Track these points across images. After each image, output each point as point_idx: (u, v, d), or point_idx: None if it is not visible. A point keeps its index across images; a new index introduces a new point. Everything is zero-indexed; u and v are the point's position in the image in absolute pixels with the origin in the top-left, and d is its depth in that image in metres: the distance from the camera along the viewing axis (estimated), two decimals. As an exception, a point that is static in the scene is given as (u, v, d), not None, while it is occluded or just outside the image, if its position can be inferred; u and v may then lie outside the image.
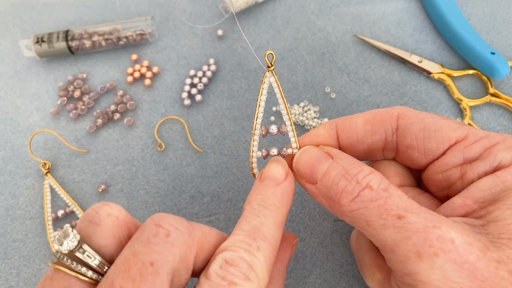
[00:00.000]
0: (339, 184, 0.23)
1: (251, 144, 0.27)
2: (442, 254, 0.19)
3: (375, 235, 0.22)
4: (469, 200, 0.23)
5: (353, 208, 0.22)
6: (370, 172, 0.23)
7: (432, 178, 0.26)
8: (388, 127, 0.26)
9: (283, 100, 0.26)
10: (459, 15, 0.41)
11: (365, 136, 0.26)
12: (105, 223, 0.21)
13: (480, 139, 0.24)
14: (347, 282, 0.35)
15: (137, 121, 0.41)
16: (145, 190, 0.39)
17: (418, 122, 0.25)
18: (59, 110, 0.42)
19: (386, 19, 0.44)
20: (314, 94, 0.41)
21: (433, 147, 0.25)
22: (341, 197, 0.23)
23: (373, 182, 0.22)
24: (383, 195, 0.22)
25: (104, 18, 0.46)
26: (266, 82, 0.26)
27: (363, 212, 0.22)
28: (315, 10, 0.45)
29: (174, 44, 0.44)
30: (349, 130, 0.26)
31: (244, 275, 0.20)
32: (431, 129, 0.25)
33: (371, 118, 0.26)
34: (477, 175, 0.24)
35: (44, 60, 0.44)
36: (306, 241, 0.36)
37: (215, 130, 0.41)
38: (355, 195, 0.22)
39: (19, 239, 0.38)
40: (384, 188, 0.22)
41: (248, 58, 0.43)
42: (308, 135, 0.27)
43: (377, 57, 0.42)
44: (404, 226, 0.20)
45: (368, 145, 0.27)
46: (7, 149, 0.41)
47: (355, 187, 0.22)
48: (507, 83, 0.41)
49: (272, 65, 0.26)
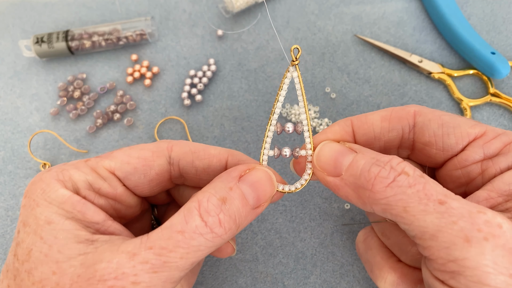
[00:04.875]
0: (371, 171, 0.22)
1: (264, 140, 0.26)
2: (492, 239, 0.19)
3: (413, 222, 0.21)
4: (494, 193, 0.23)
5: (388, 194, 0.21)
6: (402, 160, 0.22)
7: (450, 174, 0.26)
8: (406, 124, 0.26)
9: (303, 97, 0.26)
10: (459, 15, 0.41)
11: (382, 133, 0.26)
12: None
13: (499, 135, 0.24)
14: (347, 283, 0.35)
15: (137, 121, 0.41)
16: (145, 191, 0.39)
17: (436, 119, 0.25)
18: (59, 111, 0.42)
19: (386, 19, 0.44)
20: (314, 94, 0.41)
21: (452, 144, 0.25)
22: (375, 183, 0.22)
23: (408, 168, 0.22)
24: (421, 180, 0.21)
25: (104, 18, 0.46)
26: (288, 77, 0.25)
27: (401, 197, 0.21)
28: (315, 10, 0.45)
29: (174, 44, 0.44)
30: (365, 127, 0.26)
31: None
32: (449, 125, 0.25)
33: (388, 115, 0.26)
34: (499, 170, 0.23)
35: (44, 60, 0.44)
36: (306, 242, 0.36)
37: (215, 130, 0.40)
38: (391, 180, 0.21)
39: (19, 239, 0.38)
40: (420, 174, 0.21)
41: (248, 58, 0.43)
42: (324, 133, 0.27)
43: (377, 57, 0.42)
44: (448, 211, 0.20)
45: (385, 142, 0.26)
46: (7, 150, 0.41)
47: (390, 173, 0.21)
48: (507, 83, 0.41)
49: (297, 59, 0.25)
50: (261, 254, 0.36)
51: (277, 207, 0.37)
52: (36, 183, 0.23)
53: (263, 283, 0.35)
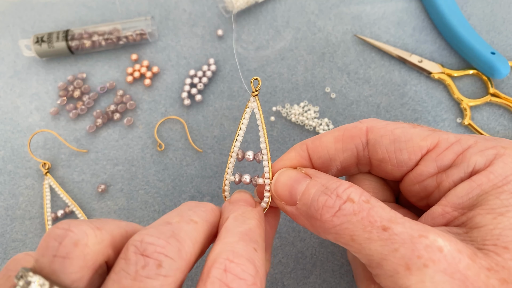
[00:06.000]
0: (319, 200, 0.22)
1: (227, 166, 0.27)
2: (432, 264, 0.18)
3: (360, 250, 0.21)
4: (448, 208, 0.22)
5: (335, 223, 0.21)
6: (349, 186, 0.22)
7: (409, 189, 0.25)
8: (358, 142, 0.25)
9: (263, 127, 0.26)
10: (459, 15, 0.41)
11: (337, 154, 0.26)
12: (73, 255, 0.18)
13: (451, 145, 0.23)
14: (347, 283, 0.35)
15: (137, 121, 0.41)
16: (145, 190, 0.39)
17: (388, 135, 0.25)
18: (59, 110, 0.42)
19: (386, 19, 0.44)
20: (314, 94, 0.41)
21: (405, 159, 0.24)
22: (322, 212, 0.22)
23: (353, 195, 0.21)
24: (365, 207, 0.21)
25: (104, 18, 0.46)
26: (249, 107, 0.26)
27: (346, 226, 0.21)
28: (315, 10, 0.45)
29: (174, 44, 0.44)
30: (320, 150, 0.26)
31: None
32: (401, 140, 0.24)
33: (340, 135, 0.26)
34: (452, 183, 0.23)
35: (44, 60, 0.44)
36: (306, 242, 0.36)
37: (215, 130, 0.40)
38: (337, 209, 0.21)
39: (19, 239, 0.38)
40: (366, 200, 0.21)
41: (248, 58, 0.43)
42: (281, 160, 0.27)
43: (377, 57, 0.42)
44: (390, 238, 0.19)
45: (341, 163, 0.26)
46: (7, 149, 0.41)
47: (336, 201, 0.21)
48: (507, 83, 0.41)
49: (257, 90, 0.26)
50: (261, 254, 0.36)
51: (277, 207, 0.37)
52: None
53: (262, 283, 0.35)
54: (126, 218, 0.38)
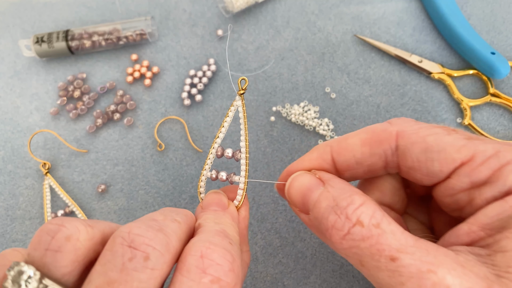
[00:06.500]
0: (328, 220, 0.21)
1: (205, 162, 0.27)
2: None
3: (369, 277, 0.20)
4: (475, 227, 0.21)
5: (344, 246, 0.20)
6: (361, 204, 0.21)
7: (440, 200, 0.24)
8: (387, 148, 0.24)
9: (245, 126, 0.26)
10: (459, 15, 0.41)
11: (363, 158, 0.25)
12: (65, 249, 0.18)
13: (488, 159, 0.21)
14: (347, 283, 0.35)
15: (137, 121, 0.41)
16: (145, 190, 0.39)
17: (419, 142, 0.23)
18: (59, 110, 0.42)
19: (386, 19, 0.44)
20: (314, 94, 0.41)
21: (436, 170, 0.22)
22: (332, 233, 0.21)
23: (363, 216, 0.20)
24: (374, 232, 0.20)
25: (104, 18, 0.46)
26: (234, 105, 0.27)
27: (356, 251, 0.20)
28: (315, 10, 0.45)
29: (174, 44, 0.44)
30: (345, 153, 0.25)
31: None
32: (433, 150, 0.22)
33: (368, 138, 0.24)
34: (485, 201, 0.21)
35: (44, 60, 0.44)
36: (306, 242, 0.36)
37: (215, 130, 0.40)
38: (345, 232, 0.20)
39: (19, 239, 0.38)
40: (376, 223, 0.20)
41: (248, 58, 0.43)
42: (301, 160, 0.26)
43: (377, 57, 0.42)
44: (398, 270, 0.19)
45: (368, 166, 0.25)
46: (7, 149, 0.41)
47: (345, 224, 0.20)
48: (507, 83, 0.41)
49: (244, 90, 0.26)
50: (261, 254, 0.36)
51: (277, 207, 0.37)
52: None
53: (263, 283, 0.35)
54: (126, 218, 0.38)
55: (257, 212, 0.37)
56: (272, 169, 0.39)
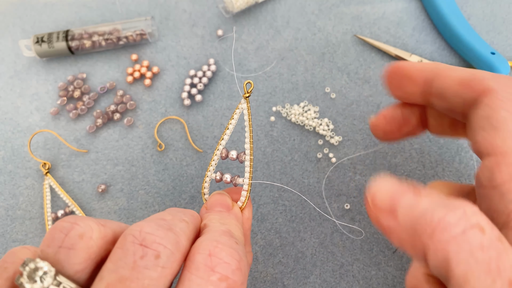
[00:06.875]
0: (434, 213, 0.17)
1: (210, 163, 0.27)
2: None
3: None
4: None
5: (450, 248, 0.16)
6: (477, 210, 0.17)
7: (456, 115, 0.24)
8: (470, 98, 0.22)
9: (250, 129, 0.26)
10: (459, 15, 0.41)
11: (450, 96, 0.24)
12: (78, 247, 0.18)
13: None
14: (347, 283, 0.35)
15: (137, 121, 0.41)
16: (145, 190, 0.39)
17: (496, 112, 0.21)
18: (59, 110, 0.42)
19: (386, 19, 0.44)
20: (314, 94, 0.41)
21: (492, 145, 0.21)
22: (437, 228, 0.16)
23: (484, 223, 0.16)
24: (498, 246, 0.16)
25: (104, 18, 0.46)
26: (240, 108, 0.27)
27: (466, 259, 0.16)
28: (315, 10, 0.45)
29: (174, 44, 0.44)
30: (439, 82, 0.24)
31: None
32: (499, 128, 0.21)
33: (468, 80, 0.23)
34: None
35: (44, 60, 0.44)
36: (306, 241, 0.36)
37: (215, 130, 0.40)
38: (459, 231, 0.16)
39: (19, 239, 0.38)
40: (498, 237, 0.16)
41: (248, 58, 0.43)
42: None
43: (377, 57, 0.42)
44: None
45: (439, 103, 0.24)
46: (7, 149, 0.41)
47: (461, 220, 0.16)
48: (507, 83, 0.41)
49: (249, 93, 0.26)
50: (261, 253, 0.36)
51: (277, 207, 0.37)
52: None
53: (263, 282, 0.35)
54: (126, 218, 0.38)
55: (257, 212, 0.37)
56: (272, 169, 0.39)
